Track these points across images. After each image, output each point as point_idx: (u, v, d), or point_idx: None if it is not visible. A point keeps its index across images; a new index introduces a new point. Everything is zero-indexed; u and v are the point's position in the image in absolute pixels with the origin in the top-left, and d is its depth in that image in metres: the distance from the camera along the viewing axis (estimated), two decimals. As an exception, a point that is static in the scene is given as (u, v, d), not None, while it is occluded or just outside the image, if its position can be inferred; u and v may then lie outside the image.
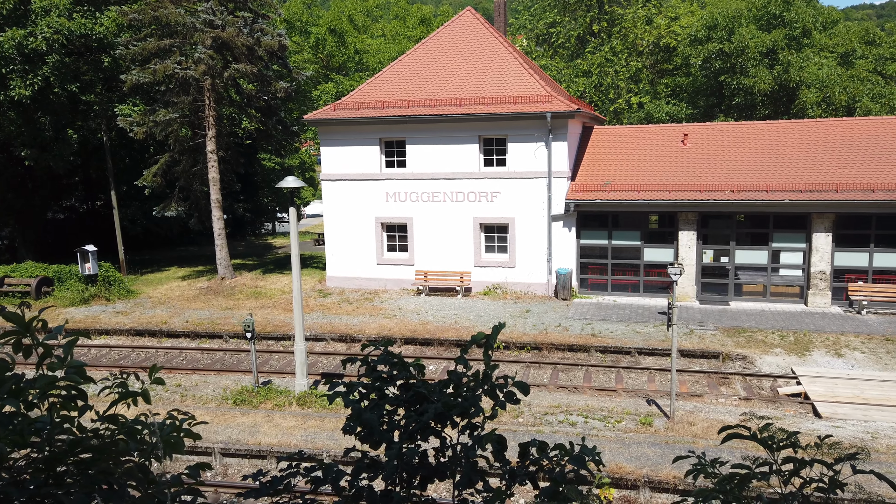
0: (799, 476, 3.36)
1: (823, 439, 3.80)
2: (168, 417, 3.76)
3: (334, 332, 21.63)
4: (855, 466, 3.32)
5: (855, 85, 31.59)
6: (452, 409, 4.15)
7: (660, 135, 26.92)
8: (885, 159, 23.11)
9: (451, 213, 25.83)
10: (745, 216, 24.05)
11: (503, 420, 14.63)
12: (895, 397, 15.68)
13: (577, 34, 39.15)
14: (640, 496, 11.68)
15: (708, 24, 34.75)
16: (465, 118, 24.66)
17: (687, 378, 17.87)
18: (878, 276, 22.75)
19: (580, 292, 25.44)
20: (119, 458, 3.12)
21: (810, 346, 19.13)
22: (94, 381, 3.24)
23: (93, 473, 3.03)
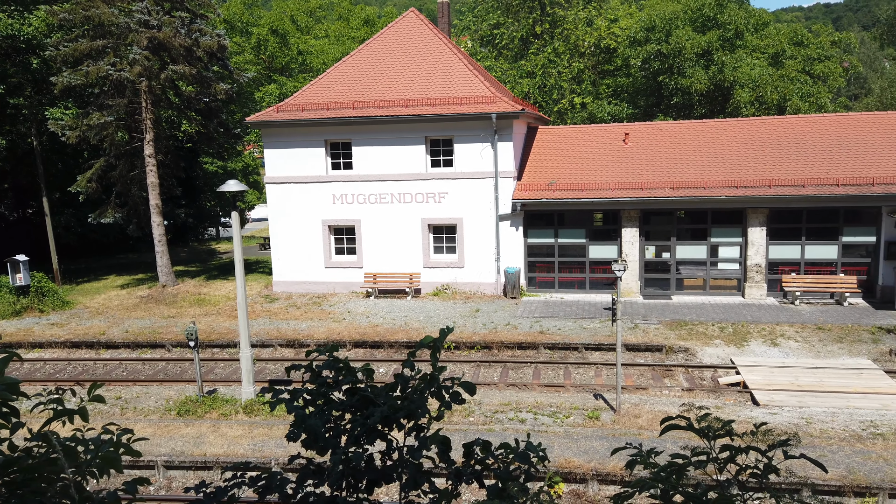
0: (734, 463, 3.46)
1: (759, 427, 3.92)
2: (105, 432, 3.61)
3: (282, 338, 21.27)
4: (787, 452, 3.44)
5: (785, 84, 32.92)
6: (398, 412, 4.12)
7: (602, 134, 27.47)
8: (813, 156, 24.17)
9: (399, 214, 25.74)
10: (685, 212, 24.77)
11: (454, 420, 14.66)
12: (828, 383, 16.40)
13: (520, 36, 39.59)
14: (588, 489, 11.88)
15: (646, 26, 35.65)
16: (411, 119, 24.62)
17: (632, 371, 18.28)
18: (810, 267, 23.77)
19: (528, 290, 25.72)
20: (53, 477, 2.97)
21: (748, 336, 19.83)
22: (28, 397, 3.08)
23: (24, 494, 2.88)
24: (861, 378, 16.68)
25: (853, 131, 25.09)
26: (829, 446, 12.78)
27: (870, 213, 23.01)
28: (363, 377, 4.38)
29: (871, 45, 59.13)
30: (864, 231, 23.20)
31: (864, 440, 13.20)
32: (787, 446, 3.42)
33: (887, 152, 23.74)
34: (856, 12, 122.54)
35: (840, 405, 15.20)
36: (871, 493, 11.33)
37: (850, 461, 12.08)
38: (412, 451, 4.16)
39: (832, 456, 12.32)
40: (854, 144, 24.39)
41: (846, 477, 11.56)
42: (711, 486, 3.39)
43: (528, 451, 4.09)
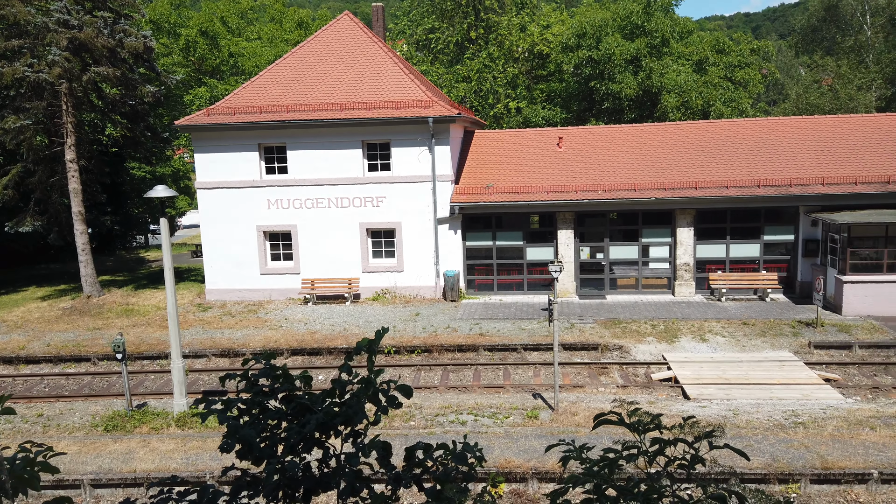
0: (664, 455, 3.58)
1: (686, 420, 4.07)
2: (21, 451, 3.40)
3: (216, 348, 20.67)
4: (712, 442, 3.58)
5: (709, 90, 34.34)
6: (336, 418, 4.07)
7: (537, 138, 27.96)
8: (736, 158, 25.28)
9: (336, 219, 25.46)
10: (618, 214, 25.47)
11: (395, 425, 14.58)
12: (753, 376, 17.16)
13: (455, 40, 39.87)
14: (528, 488, 12.03)
15: (577, 33, 36.51)
16: (347, 123, 24.41)
17: (570, 370, 18.64)
18: (735, 265, 24.84)
19: (468, 293, 25.88)
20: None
21: (678, 333, 20.54)
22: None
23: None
24: (783, 370, 17.52)
25: (772, 135, 26.38)
26: (754, 436, 13.36)
27: (788, 213, 24.24)
28: (301, 384, 4.31)
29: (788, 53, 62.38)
30: (784, 230, 24.43)
31: (786, 429, 13.87)
32: (713, 437, 3.56)
33: (803, 155, 25.07)
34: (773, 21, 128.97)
35: (764, 396, 15.92)
36: (794, 480, 11.91)
37: (774, 449, 12.67)
38: (350, 458, 4.11)
39: (758, 445, 12.89)
40: (773, 148, 25.65)
41: (771, 465, 12.11)
42: (643, 479, 3.49)
43: (465, 453, 4.11)
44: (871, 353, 18.90)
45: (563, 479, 3.51)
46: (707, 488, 3.34)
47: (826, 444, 12.83)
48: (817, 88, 45.37)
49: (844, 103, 41.43)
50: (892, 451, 12.42)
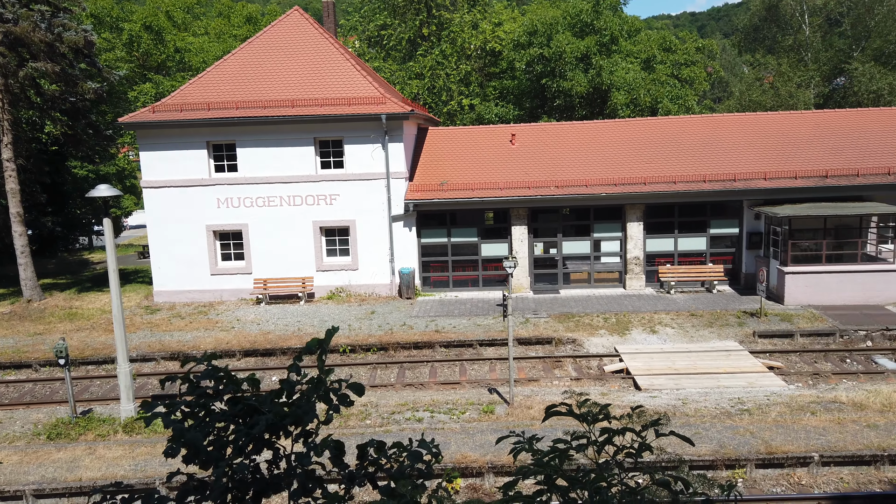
0: (612, 444, 3.63)
1: (634, 409, 4.14)
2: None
3: (165, 351, 20.14)
4: (658, 431, 3.65)
5: (657, 88, 35.09)
6: (285, 419, 4.01)
7: (490, 135, 28.10)
8: (683, 154, 25.91)
9: (289, 217, 25.09)
10: (570, 209, 25.83)
11: (350, 424, 14.47)
12: (700, 366, 17.63)
13: (407, 37, 39.73)
14: (485, 482, 12.11)
15: (528, 31, 36.83)
16: (298, 120, 24.06)
17: (525, 364, 18.81)
18: (683, 258, 25.48)
19: (423, 290, 25.87)
20: None
21: (630, 325, 20.96)
22: None
23: None
24: (729, 359, 18.06)
25: (717, 131, 27.13)
26: (702, 424, 13.73)
27: (733, 207, 24.98)
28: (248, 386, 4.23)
29: (731, 52, 64.28)
30: (729, 223, 25.16)
31: (733, 416, 14.30)
32: (659, 426, 3.63)
33: (747, 151, 25.86)
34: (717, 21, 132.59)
35: (712, 385, 16.39)
36: (740, 465, 12.29)
37: (721, 436, 13.05)
38: (301, 458, 4.06)
39: (706, 432, 13.25)
40: (718, 144, 26.38)
41: (718, 451, 12.47)
42: (592, 469, 3.54)
43: (420, 450, 4.10)
44: (811, 341, 19.65)
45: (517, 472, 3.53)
46: (654, 475, 3.40)
47: (770, 429, 13.28)
48: (759, 86, 46.89)
49: (785, 100, 42.91)
50: (832, 435, 12.94)
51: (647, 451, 3.60)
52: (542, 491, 3.51)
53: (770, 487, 11.91)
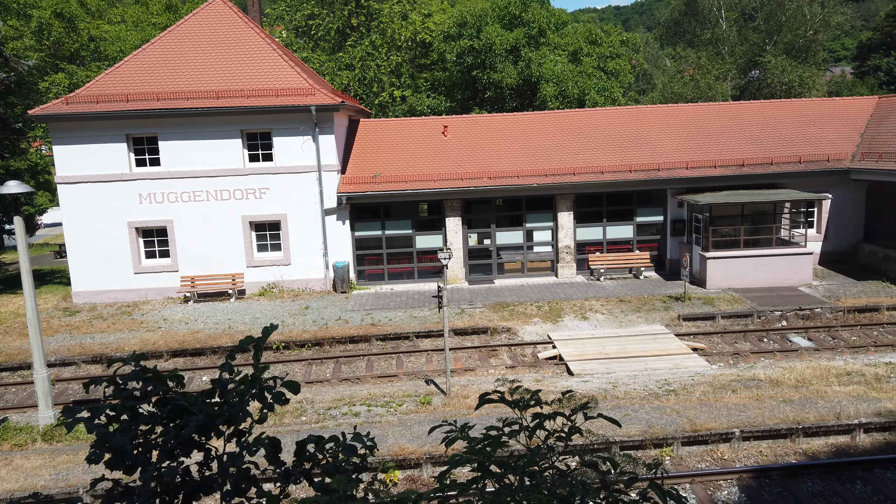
0: (543, 428, 3.72)
1: (565, 394, 4.24)
2: None
3: (86, 354, 19.24)
4: (587, 414, 3.76)
5: (584, 80, 35.85)
6: (217, 419, 3.91)
7: (423, 127, 28.08)
8: (610, 145, 26.62)
9: (216, 212, 24.37)
10: (503, 200, 26.14)
11: (286, 421, 14.25)
12: (629, 349, 18.24)
13: (336, 27, 39.11)
14: (423, 473, 12.17)
15: (458, 22, 36.91)
16: (224, 112, 23.35)
17: (461, 355, 18.98)
18: (611, 246, 26.24)
19: (358, 284, 25.68)
20: None
21: (562, 312, 21.44)
22: None
23: None
24: (656, 342, 18.76)
25: (642, 122, 28.00)
26: (632, 405, 14.22)
27: (658, 196, 25.89)
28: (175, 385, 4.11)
29: (654, 45, 66.41)
30: (654, 211, 26.07)
31: (660, 397, 14.88)
32: (587, 409, 3.74)
33: (670, 141, 26.81)
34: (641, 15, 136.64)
35: (640, 368, 16.99)
36: (668, 444, 12.80)
37: (649, 417, 13.55)
38: (234, 458, 3.98)
39: (635, 414, 13.73)
40: (643, 134, 27.23)
41: (647, 431, 12.95)
42: (524, 454, 3.61)
43: (354, 444, 4.08)
44: (731, 323, 20.63)
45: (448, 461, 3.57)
46: (584, 457, 3.50)
47: (695, 408, 13.88)
48: (680, 78, 48.67)
49: (704, 92, 44.71)
50: (751, 411, 13.64)
51: (577, 433, 3.70)
52: (477, 478, 3.56)
53: (695, 463, 12.47)
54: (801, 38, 46.97)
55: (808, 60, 47.44)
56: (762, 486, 11.62)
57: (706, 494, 11.41)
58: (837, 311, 20.78)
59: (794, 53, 46.98)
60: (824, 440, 13.01)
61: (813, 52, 48.04)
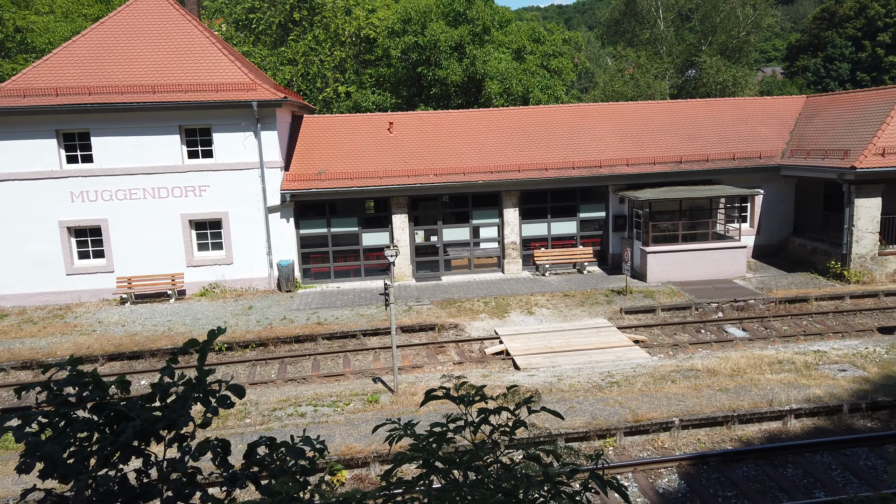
0: (489, 423, 3.76)
1: (509, 389, 4.31)
2: None
3: (15, 360, 18.38)
4: (530, 408, 3.82)
5: (527, 78, 36.28)
6: (157, 424, 3.81)
7: (368, 123, 27.88)
8: (554, 142, 27.03)
9: (154, 210, 23.62)
10: (449, 197, 26.23)
11: (229, 424, 13.95)
12: (574, 343, 18.59)
13: (278, 21, 38.42)
14: (370, 472, 12.13)
15: (403, 18, 36.79)
16: (161, 107, 22.63)
17: (409, 352, 18.97)
18: (556, 242, 26.69)
19: (304, 282, 25.34)
20: None
21: (508, 308, 21.69)
22: None
23: None
24: (599, 335, 19.19)
25: (584, 120, 28.54)
26: (576, 398, 14.51)
27: (600, 192, 26.44)
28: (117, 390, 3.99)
29: (595, 44, 67.71)
30: (597, 207, 26.63)
31: (603, 389, 15.23)
32: (531, 403, 3.81)
33: (611, 138, 27.42)
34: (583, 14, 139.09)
35: (584, 361, 17.34)
36: (611, 434, 13.12)
37: (593, 409, 13.86)
38: (175, 464, 3.88)
39: (579, 406, 14.02)
40: (585, 132, 27.76)
41: (591, 423, 13.24)
42: (469, 449, 3.65)
43: (302, 447, 4.04)
44: (671, 315, 21.28)
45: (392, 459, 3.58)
46: (528, 450, 3.56)
47: (637, 399, 14.27)
48: (621, 77, 49.77)
49: (644, 91, 45.87)
50: (690, 401, 14.12)
51: (522, 427, 3.76)
52: (423, 475, 3.58)
53: (637, 452, 12.83)
54: (734, 39, 48.73)
55: (741, 61, 49.27)
56: (700, 472, 12.05)
57: (648, 482, 11.76)
58: (770, 302, 21.69)
59: (728, 54, 48.72)
60: (758, 426, 13.58)
61: (745, 53, 49.92)
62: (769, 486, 11.58)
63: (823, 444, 12.66)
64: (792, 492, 11.32)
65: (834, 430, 13.39)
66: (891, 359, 16.40)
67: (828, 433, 13.23)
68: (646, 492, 11.47)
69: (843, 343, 18.20)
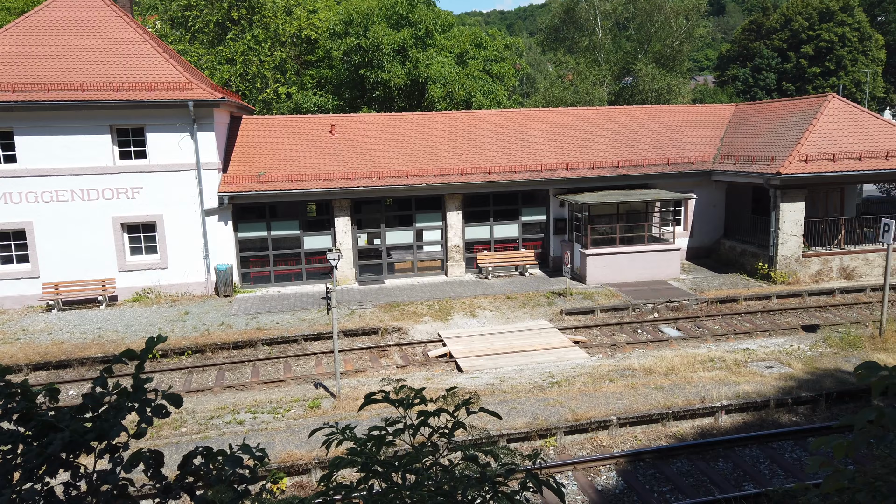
0: (428, 426, 3.79)
1: (449, 391, 4.34)
2: None
3: (-68, 371, 17.31)
4: (469, 409, 3.87)
5: (470, 82, 36.56)
6: (87, 435, 3.69)
7: (310, 125, 27.55)
8: (496, 146, 27.35)
9: (83, 213, 22.70)
10: (392, 200, 26.18)
11: (163, 434, 13.52)
12: (516, 344, 18.84)
13: (216, 20, 37.53)
14: (311, 478, 11.98)
15: (344, 20, 36.52)
16: (90, 105, 21.79)
17: (351, 356, 18.82)
18: (498, 244, 26.99)
19: (243, 287, 24.81)
20: None
21: (452, 311, 21.80)
22: None
23: None
24: (541, 336, 19.51)
25: (525, 125, 28.98)
26: (518, 399, 14.71)
27: (541, 195, 26.90)
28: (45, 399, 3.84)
29: (536, 50, 68.87)
30: (538, 211, 27.07)
31: (544, 389, 15.49)
32: (470, 404, 3.85)
33: (552, 143, 27.93)
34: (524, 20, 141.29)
35: (526, 362, 17.59)
36: (552, 434, 13.36)
37: (534, 409, 14.08)
38: (106, 476, 3.76)
39: (521, 406, 14.22)
40: (526, 136, 28.19)
41: (532, 423, 13.45)
42: (409, 452, 3.67)
43: (240, 455, 3.96)
44: (609, 316, 21.82)
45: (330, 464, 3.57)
46: (466, 452, 3.61)
47: (576, 398, 14.58)
48: (561, 83, 50.80)
49: (583, 97, 46.93)
50: (627, 399, 14.51)
51: (461, 429, 3.80)
52: (364, 478, 3.58)
53: (577, 451, 13.10)
54: (668, 49, 50.44)
55: (675, 69, 51.05)
56: (637, 468, 12.40)
57: (587, 480, 12.03)
58: (702, 302, 22.52)
59: (663, 62, 50.40)
60: (691, 423, 14.07)
61: (679, 62, 51.74)
62: (702, 481, 12.01)
63: (752, 439, 13.22)
64: (723, 485, 11.78)
65: (761, 424, 14.01)
66: (814, 356, 17.28)
67: (756, 428, 13.83)
68: (585, 490, 11.72)
69: (770, 341, 19.06)
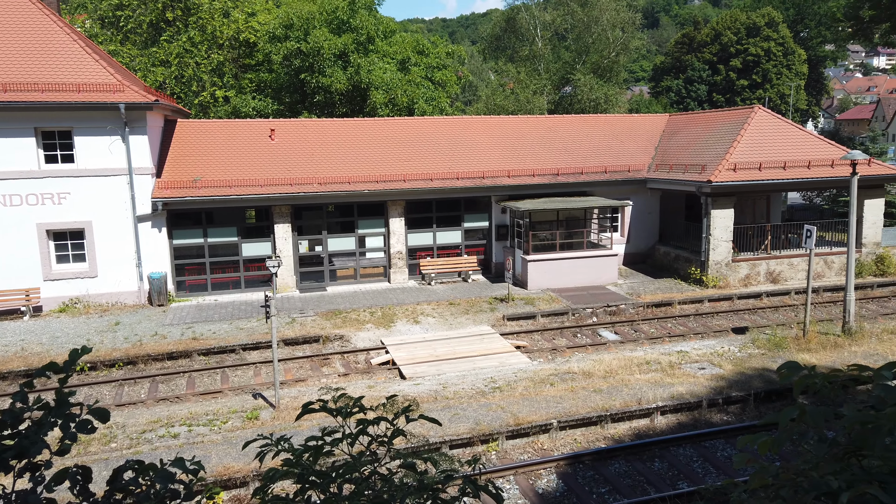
0: (367, 434, 3.73)
1: (389, 399, 4.30)
2: None
3: None
4: (409, 416, 3.83)
5: (412, 89, 36.60)
6: (5, 453, 3.48)
7: (248, 130, 26.99)
8: (438, 153, 27.43)
9: (5, 219, 21.56)
10: (334, 206, 25.88)
11: (91, 450, 12.91)
12: (459, 350, 18.89)
13: (149, 20, 36.38)
14: (250, 492, 11.66)
15: (284, 24, 36.01)
16: (12, 107, 20.73)
17: (292, 365, 18.46)
18: (441, 251, 27.04)
19: (178, 296, 24.04)
20: None
21: (395, 317, 21.68)
22: None
23: None
24: (483, 342, 19.61)
25: (467, 132, 29.18)
26: (461, 405, 14.73)
27: (483, 202, 27.12)
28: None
29: (478, 58, 69.56)
30: (480, 217, 27.27)
31: (486, 394, 15.56)
32: (410, 412, 3.81)
33: (493, 150, 28.21)
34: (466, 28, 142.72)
35: (468, 368, 17.65)
36: (494, 439, 13.42)
37: (477, 414, 14.13)
38: (26, 496, 3.55)
39: (464, 412, 14.24)
40: (468, 143, 28.39)
41: (475, 428, 13.48)
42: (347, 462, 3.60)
43: (172, 469, 3.81)
44: (550, 321, 22.14)
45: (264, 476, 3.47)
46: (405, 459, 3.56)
47: (518, 403, 14.71)
48: (502, 91, 51.43)
49: (524, 105, 47.64)
50: (567, 402, 14.73)
51: (401, 436, 3.76)
52: (300, 490, 3.49)
53: (518, 455, 13.20)
54: (605, 59, 51.79)
55: (612, 80, 52.46)
56: (577, 471, 12.59)
57: (528, 484, 12.13)
58: (638, 306, 23.13)
59: (600, 73, 51.71)
60: (628, 424, 14.39)
61: (616, 73, 53.22)
62: (639, 481, 12.29)
63: (686, 439, 13.62)
64: (659, 485, 12.08)
65: (695, 424, 14.45)
66: (743, 357, 17.97)
67: (689, 428, 14.25)
68: (526, 493, 11.81)
69: (702, 343, 19.72)
